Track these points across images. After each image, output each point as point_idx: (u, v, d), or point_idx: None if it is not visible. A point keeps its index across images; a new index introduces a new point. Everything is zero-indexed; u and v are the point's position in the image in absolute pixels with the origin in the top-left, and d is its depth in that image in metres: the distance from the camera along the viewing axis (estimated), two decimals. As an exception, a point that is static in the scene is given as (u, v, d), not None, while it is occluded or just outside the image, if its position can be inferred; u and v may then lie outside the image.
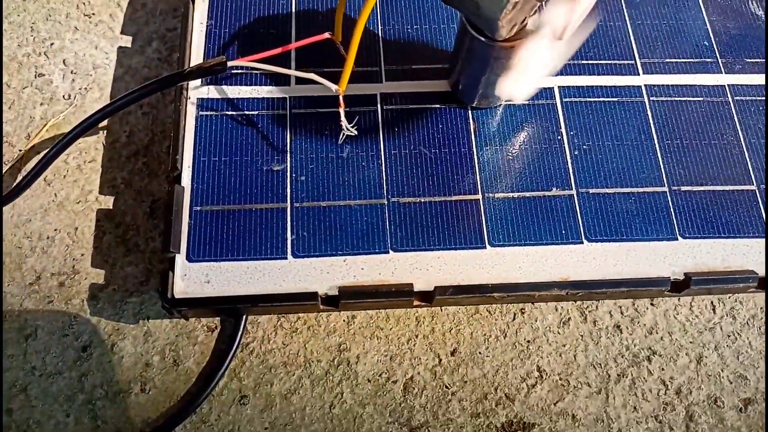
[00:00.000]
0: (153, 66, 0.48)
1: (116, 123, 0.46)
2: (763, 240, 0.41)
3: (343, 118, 0.37)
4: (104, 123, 0.46)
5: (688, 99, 0.45)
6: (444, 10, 0.46)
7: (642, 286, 0.38)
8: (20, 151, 0.45)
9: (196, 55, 0.43)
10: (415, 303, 0.38)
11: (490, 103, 0.42)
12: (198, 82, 0.42)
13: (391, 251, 0.39)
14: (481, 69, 0.37)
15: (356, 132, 0.38)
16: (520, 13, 0.33)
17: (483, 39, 0.35)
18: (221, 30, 0.44)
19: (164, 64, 0.49)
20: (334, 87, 0.36)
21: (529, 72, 0.35)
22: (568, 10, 0.32)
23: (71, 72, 0.48)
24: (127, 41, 0.49)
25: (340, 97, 0.36)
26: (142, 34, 0.50)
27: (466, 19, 0.35)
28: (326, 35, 0.39)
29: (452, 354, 0.40)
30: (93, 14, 0.51)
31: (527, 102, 0.44)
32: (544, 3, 0.33)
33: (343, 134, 0.38)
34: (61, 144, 0.40)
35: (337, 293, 0.37)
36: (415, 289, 0.37)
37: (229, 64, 0.37)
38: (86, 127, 0.39)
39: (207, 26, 0.44)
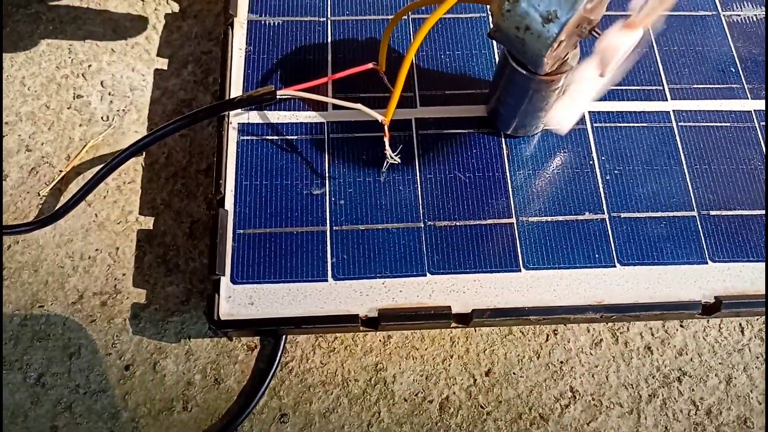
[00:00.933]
0: (189, 88, 0.50)
1: (154, 145, 0.47)
2: (791, 264, 0.42)
3: (387, 147, 0.38)
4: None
5: (716, 124, 0.46)
6: (477, 36, 0.47)
7: (673, 309, 0.39)
8: (60, 171, 0.46)
9: (237, 81, 0.44)
10: (453, 325, 0.39)
11: (526, 132, 0.43)
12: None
13: (428, 274, 0.40)
14: (520, 100, 0.38)
15: (399, 160, 0.39)
16: (563, 49, 0.34)
17: (524, 72, 0.36)
18: (260, 55, 0.45)
19: (200, 87, 0.50)
20: (380, 117, 0.37)
21: (572, 103, 0.36)
22: (614, 49, 0.33)
23: (109, 93, 0.49)
24: (163, 63, 0.51)
25: (386, 127, 0.37)
26: (178, 56, 0.51)
27: (508, 52, 0.36)
28: (370, 65, 0.40)
29: (487, 374, 0.41)
30: (129, 37, 0.52)
31: (558, 127, 0.44)
32: (595, 31, 0.34)
33: (387, 163, 0.39)
34: (109, 166, 0.41)
35: (376, 315, 0.38)
36: (453, 312, 0.38)
37: (279, 94, 0.38)
38: (134, 151, 0.40)
39: (246, 51, 0.45)
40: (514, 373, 0.41)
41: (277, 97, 0.38)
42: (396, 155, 0.38)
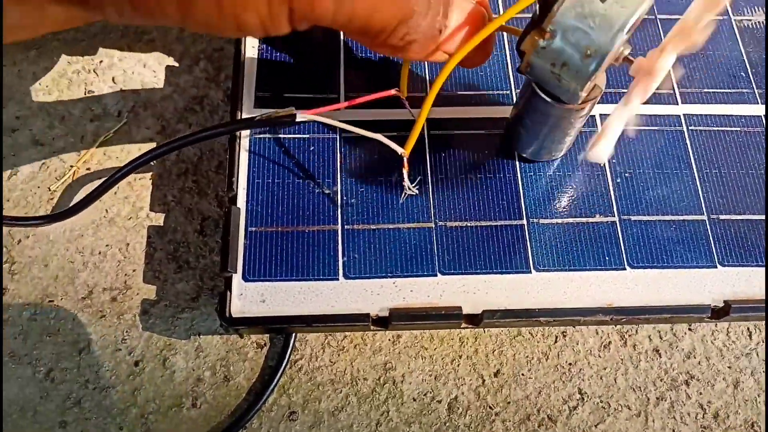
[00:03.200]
0: (200, 85, 0.50)
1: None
2: (800, 269, 0.42)
3: (406, 178, 0.38)
4: (153, 142, 0.47)
5: (726, 129, 0.46)
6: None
7: (683, 312, 0.39)
8: (71, 167, 0.47)
9: (249, 84, 0.44)
10: (464, 325, 0.39)
11: (551, 158, 0.43)
12: (251, 105, 0.43)
13: (439, 274, 0.40)
14: (543, 127, 0.38)
15: (417, 191, 0.39)
16: (598, 82, 0.34)
17: (553, 102, 0.35)
18: (273, 55, 0.45)
19: (211, 84, 0.50)
20: (400, 150, 0.37)
21: (614, 130, 0.35)
22: (656, 72, 0.32)
23: (120, 89, 0.49)
24: (174, 60, 0.51)
25: (405, 159, 0.37)
26: (190, 53, 0.51)
27: (536, 83, 0.36)
28: (393, 92, 0.40)
29: (495, 375, 0.41)
30: (141, 32, 0.52)
31: (569, 129, 0.45)
32: (628, 58, 0.33)
33: (405, 194, 0.39)
34: (122, 172, 0.41)
35: (387, 315, 0.38)
36: (464, 312, 0.38)
37: (298, 118, 0.38)
38: (147, 160, 0.40)
39: (258, 49, 0.45)
40: (522, 374, 0.41)
41: (297, 119, 0.38)
42: (414, 186, 0.38)
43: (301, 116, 0.38)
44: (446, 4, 0.31)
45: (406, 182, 0.38)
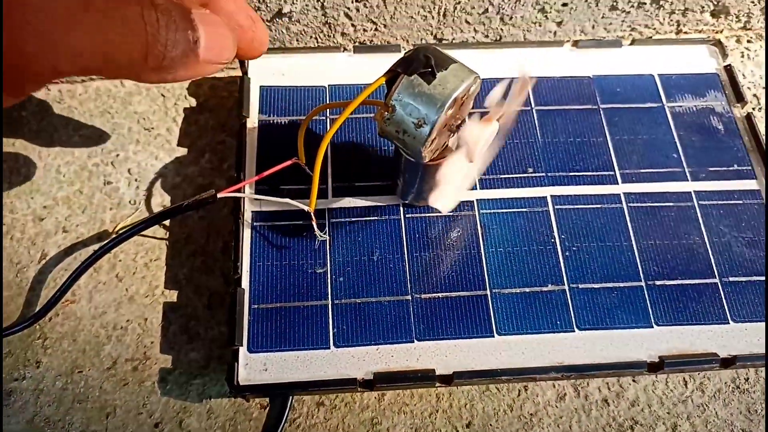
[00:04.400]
0: (206, 174, 0.57)
1: (177, 226, 0.55)
2: (724, 325, 0.49)
3: (316, 228, 0.45)
4: (167, 225, 0.54)
5: (660, 204, 0.54)
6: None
7: (623, 368, 0.46)
8: (94, 250, 0.53)
9: (249, 173, 0.52)
10: (438, 385, 0.46)
11: (426, 203, 0.51)
12: (252, 197, 0.51)
13: (416, 340, 0.47)
14: (414, 179, 0.47)
15: (327, 237, 0.48)
16: (440, 140, 0.42)
17: (413, 159, 0.43)
18: (269, 151, 0.53)
19: (216, 173, 0.57)
20: (306, 208, 0.44)
21: (449, 187, 0.44)
22: (475, 139, 0.41)
23: (135, 180, 0.57)
24: (182, 152, 0.58)
25: (311, 214, 0.44)
26: (196, 146, 0.58)
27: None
28: (293, 160, 0.47)
29: (467, 426, 0.48)
30: (152, 128, 0.59)
31: (527, 209, 0.52)
32: (459, 128, 0.42)
33: (318, 240, 0.47)
34: (90, 260, 0.48)
35: (372, 378, 0.45)
36: (437, 373, 0.45)
37: (219, 196, 0.45)
38: (110, 247, 0.48)
39: (258, 148, 0.53)
40: (491, 425, 0.48)
41: (217, 198, 0.45)
42: (323, 233, 0.47)
43: (221, 194, 0.45)
44: (186, 20, 0.32)
45: (317, 232, 0.46)
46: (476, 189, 0.53)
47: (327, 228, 0.50)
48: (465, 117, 0.43)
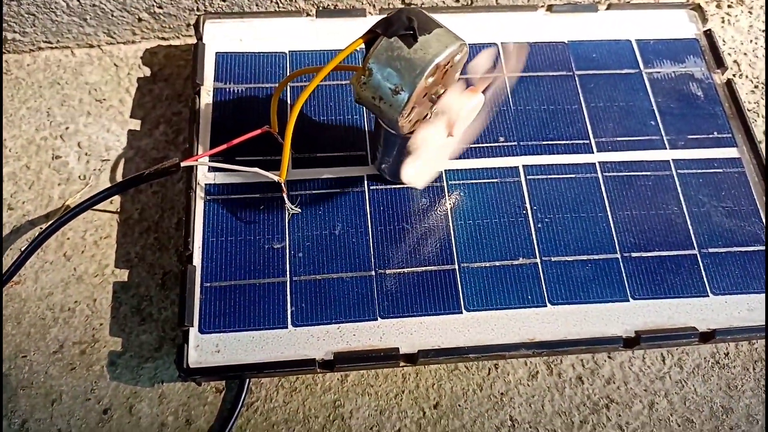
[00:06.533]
0: (161, 147, 0.54)
1: (129, 201, 0.51)
2: (704, 298, 0.47)
3: (287, 200, 0.43)
4: (117, 201, 0.51)
5: (637, 173, 0.51)
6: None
7: (598, 344, 0.44)
8: (41, 228, 0.50)
9: (203, 142, 0.48)
10: (402, 364, 0.43)
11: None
12: (205, 169, 0.48)
13: (379, 318, 0.44)
14: (393, 152, 0.44)
15: (300, 210, 0.45)
16: (420, 111, 0.39)
17: (392, 131, 0.40)
18: (224, 119, 0.50)
19: (171, 146, 0.54)
20: (276, 177, 0.41)
21: (423, 162, 0.41)
22: (456, 111, 0.38)
23: (85, 154, 0.53)
24: (136, 124, 0.55)
25: (283, 184, 0.42)
26: (150, 117, 0.55)
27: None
28: (265, 128, 0.44)
29: (435, 407, 0.45)
30: (104, 99, 0.56)
31: (498, 180, 0.50)
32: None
33: (289, 213, 0.44)
34: (36, 242, 0.45)
35: (332, 358, 0.42)
36: (401, 353, 0.43)
37: (183, 164, 0.43)
38: (57, 227, 0.45)
39: (213, 117, 0.50)
40: (459, 405, 0.45)
41: (181, 167, 0.43)
42: (296, 206, 0.44)
43: (185, 163, 0.43)
44: None
45: (288, 204, 0.43)
46: (445, 159, 0.50)
47: (286, 201, 0.47)
48: (449, 88, 0.40)
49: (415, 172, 0.41)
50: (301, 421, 0.44)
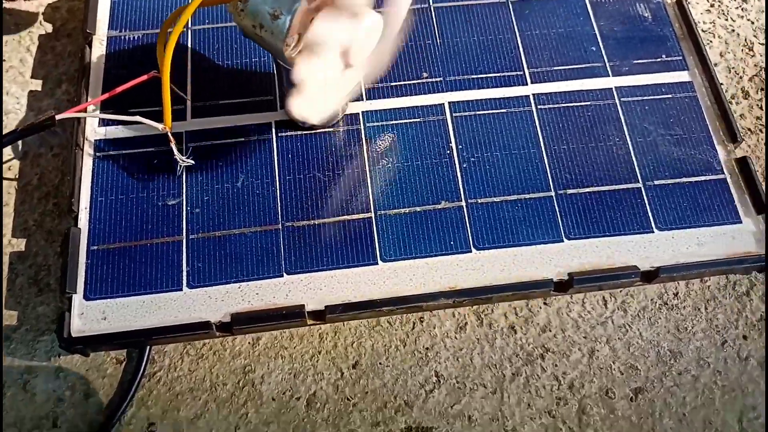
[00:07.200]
0: (63, 107, 0.50)
1: (28, 166, 0.48)
2: (648, 234, 0.42)
3: (175, 151, 0.39)
4: (16, 167, 0.47)
5: (576, 104, 0.47)
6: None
7: (526, 289, 0.40)
8: (-65, 200, 0.47)
9: (95, 94, 0.44)
10: (310, 322, 0.40)
11: (324, 124, 0.44)
12: (95, 123, 0.43)
13: (285, 274, 0.40)
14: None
15: (193, 161, 0.41)
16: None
17: (285, 65, 0.36)
18: (119, 69, 0.46)
19: (72, 105, 0.50)
20: (160, 126, 0.37)
21: (315, 96, 0.36)
22: (332, 37, 0.34)
23: (-17, 118, 0.50)
24: (37, 85, 0.51)
25: (169, 133, 0.38)
26: (52, 76, 0.51)
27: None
28: (152, 74, 0.40)
29: (354, 367, 0.42)
30: (3, 60, 0.52)
31: (420, 119, 0.45)
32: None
33: (181, 166, 0.40)
34: None
35: (229, 320, 0.38)
36: (307, 310, 0.39)
37: (58, 117, 0.39)
38: None
39: (105, 68, 0.46)
40: (380, 363, 0.42)
41: (56, 119, 0.39)
42: (188, 157, 0.40)
43: (60, 116, 0.39)
44: None
45: (177, 155, 0.39)
46: (362, 100, 0.46)
47: (183, 153, 0.43)
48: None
49: (308, 106, 0.37)
50: (208, 389, 0.41)
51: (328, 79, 0.36)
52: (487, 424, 0.40)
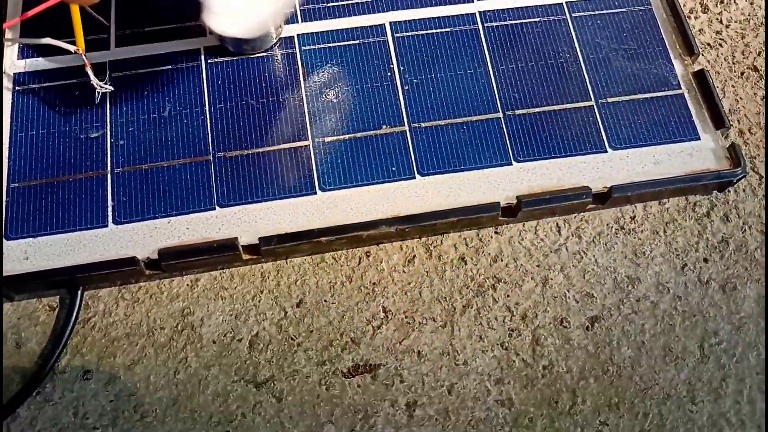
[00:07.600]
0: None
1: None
2: (601, 154, 0.40)
3: (92, 76, 0.36)
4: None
5: (525, 21, 0.44)
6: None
7: (472, 213, 0.38)
8: None
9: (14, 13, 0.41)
10: (246, 257, 0.38)
11: (256, 48, 0.41)
12: (14, 56, 0.41)
13: (217, 207, 0.38)
14: None
15: (112, 88, 0.38)
16: None
17: None
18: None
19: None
20: (73, 48, 0.35)
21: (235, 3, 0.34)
22: None
23: None
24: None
25: (83, 56, 0.35)
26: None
27: None
28: None
29: (298, 305, 0.40)
30: None
31: (359, 41, 0.42)
32: None
33: (99, 93, 0.37)
34: None
35: (157, 256, 0.36)
36: (242, 243, 0.37)
37: None
38: None
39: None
40: (325, 301, 0.40)
41: None
42: (106, 83, 0.37)
43: None
44: None
45: (93, 80, 0.37)
46: (297, 22, 0.43)
47: (107, 83, 0.40)
48: None
49: (227, 15, 0.34)
50: (145, 334, 0.39)
51: None
52: (438, 359, 0.38)
